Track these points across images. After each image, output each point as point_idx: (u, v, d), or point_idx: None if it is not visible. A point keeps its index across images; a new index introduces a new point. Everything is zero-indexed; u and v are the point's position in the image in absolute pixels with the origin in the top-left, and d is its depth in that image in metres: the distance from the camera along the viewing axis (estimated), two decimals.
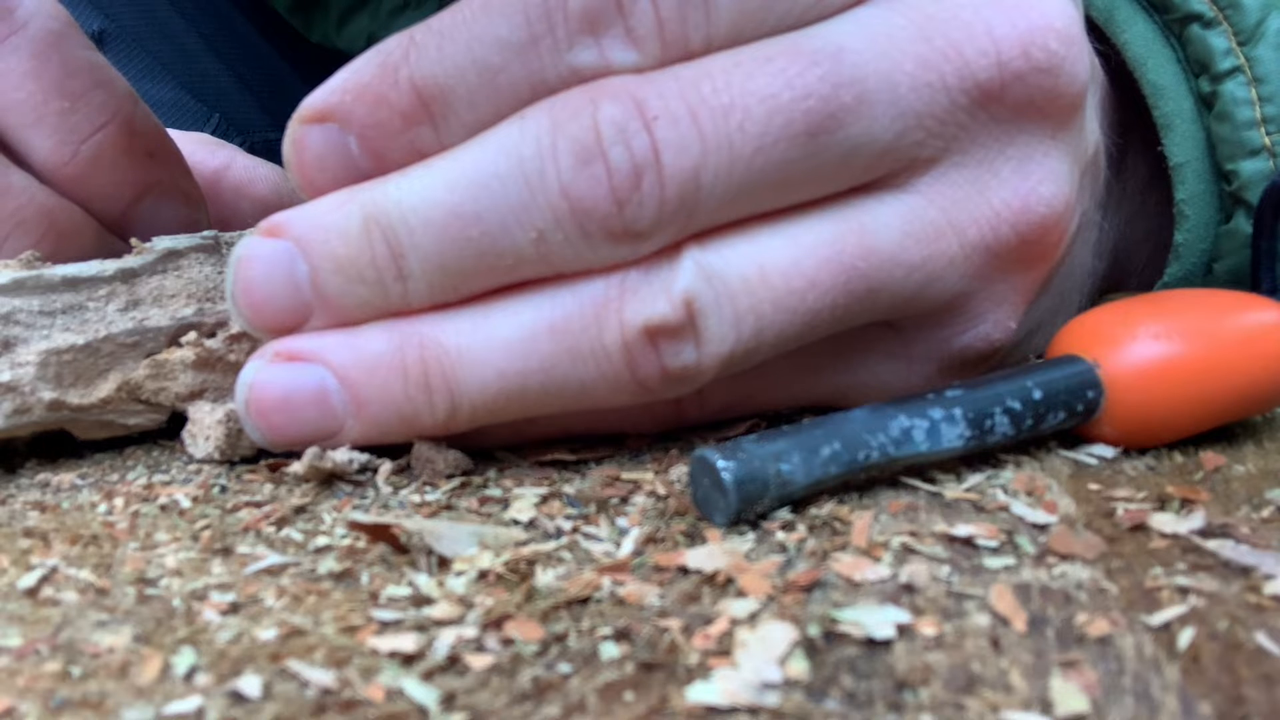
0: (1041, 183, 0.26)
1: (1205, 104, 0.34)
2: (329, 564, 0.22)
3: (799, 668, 0.18)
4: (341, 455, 0.25)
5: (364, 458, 0.26)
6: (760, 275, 0.24)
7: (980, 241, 0.26)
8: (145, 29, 0.60)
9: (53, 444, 0.29)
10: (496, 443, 0.28)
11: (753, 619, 0.19)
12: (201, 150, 0.41)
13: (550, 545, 0.23)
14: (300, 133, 0.25)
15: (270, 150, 0.27)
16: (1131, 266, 0.38)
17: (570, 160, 0.23)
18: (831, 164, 0.24)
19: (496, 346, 0.24)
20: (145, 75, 0.60)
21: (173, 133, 0.41)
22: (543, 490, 0.25)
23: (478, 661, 0.18)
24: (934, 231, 0.26)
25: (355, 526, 0.23)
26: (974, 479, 0.25)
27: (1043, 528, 0.23)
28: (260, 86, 0.63)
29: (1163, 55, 0.35)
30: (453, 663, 0.18)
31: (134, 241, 0.30)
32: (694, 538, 0.23)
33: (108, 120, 0.33)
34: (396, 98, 0.24)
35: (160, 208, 0.35)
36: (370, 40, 0.59)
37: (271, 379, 0.25)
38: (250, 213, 0.40)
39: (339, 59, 0.25)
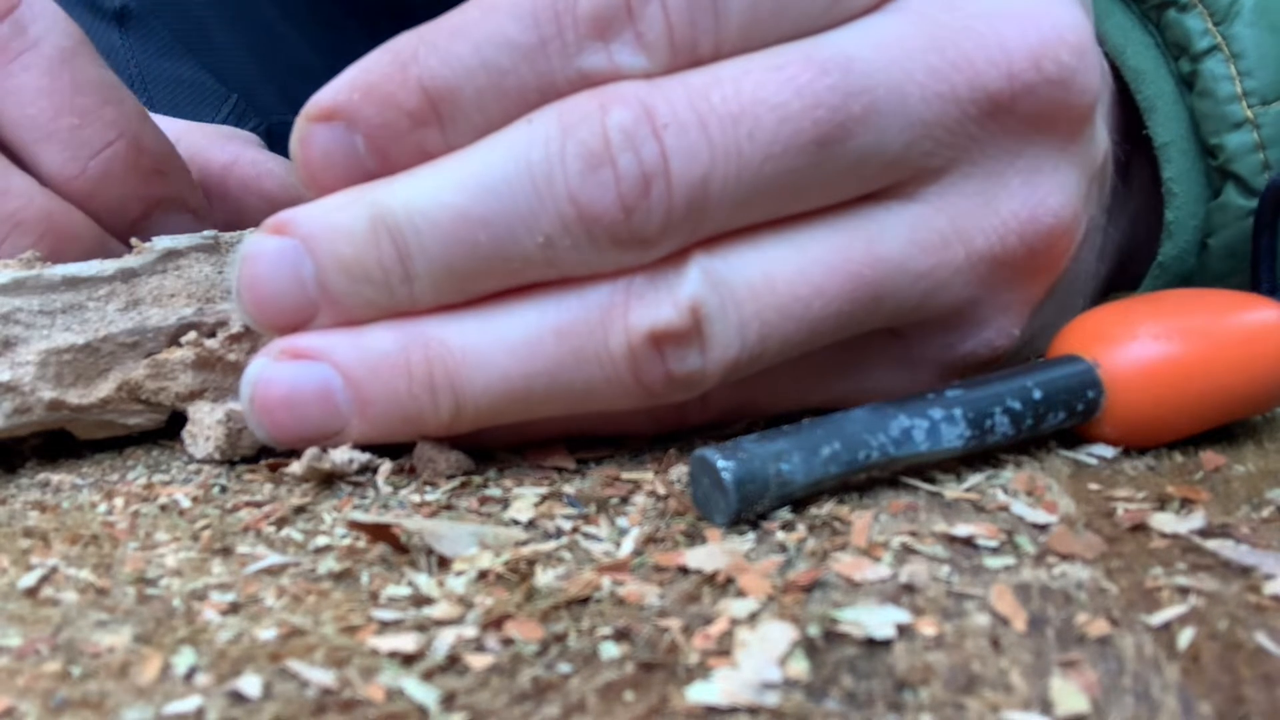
0: (1050, 194, 0.26)
1: (1186, 84, 0.35)
2: (329, 564, 0.22)
3: (799, 668, 0.18)
4: (341, 456, 0.25)
5: (364, 458, 0.26)
6: (766, 283, 0.24)
7: (987, 251, 0.26)
8: (167, 7, 0.60)
9: (53, 444, 0.29)
10: (497, 443, 0.28)
11: (753, 619, 0.19)
12: (211, 145, 0.41)
13: (550, 545, 0.23)
14: (307, 130, 0.25)
15: (287, 134, 0.27)
16: (1137, 265, 0.39)
17: (579, 166, 0.23)
18: (840, 173, 0.24)
19: (502, 348, 0.24)
20: (165, 54, 0.59)
21: (184, 123, 0.42)
22: (543, 490, 0.25)
23: (478, 661, 0.18)
24: (941, 241, 0.26)
25: (355, 526, 0.23)
26: (974, 479, 0.25)
27: (1043, 528, 0.23)
28: (280, 70, 0.63)
29: (1141, 41, 0.35)
30: (453, 663, 0.18)
31: (134, 241, 0.30)
32: (694, 538, 0.23)
33: (116, 137, 0.33)
34: (405, 98, 0.24)
35: (167, 223, 0.35)
36: None
37: (276, 376, 0.25)
38: (257, 208, 0.40)
39: (360, 43, 0.25)
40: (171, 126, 0.42)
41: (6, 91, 0.32)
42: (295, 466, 0.26)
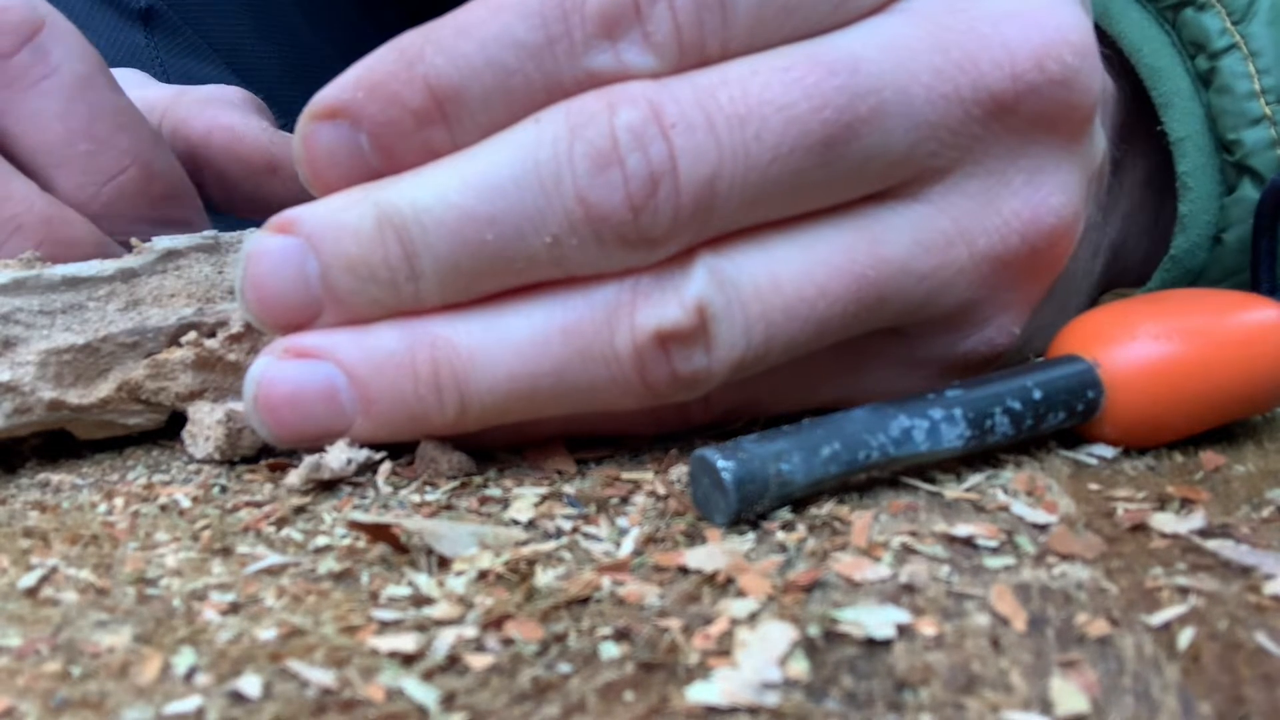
0: (1052, 194, 0.26)
1: (1203, 82, 0.35)
2: (329, 564, 0.22)
3: (799, 668, 0.18)
4: (337, 461, 0.25)
5: (361, 456, 0.26)
6: (772, 283, 0.24)
7: (990, 251, 0.26)
8: (193, 7, 0.60)
9: (53, 444, 0.29)
10: (497, 443, 0.28)
11: (753, 619, 0.19)
12: (191, 114, 0.41)
13: (550, 545, 0.23)
14: (310, 129, 0.25)
15: None
16: (1132, 260, 0.39)
17: (587, 166, 0.23)
18: (846, 174, 0.24)
19: (508, 348, 0.24)
20: (190, 53, 0.60)
21: (173, 90, 0.42)
22: (543, 490, 0.25)
23: (478, 661, 0.18)
24: (945, 241, 0.26)
25: (355, 526, 0.23)
26: (974, 479, 0.25)
27: (1043, 528, 0.23)
28: (305, 71, 0.63)
29: (1158, 40, 0.36)
30: (453, 663, 0.18)
31: (134, 241, 0.30)
32: (694, 538, 0.23)
33: (129, 164, 0.35)
34: (410, 96, 0.24)
35: None
36: None
37: (281, 375, 0.25)
38: (239, 174, 0.40)
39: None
40: (160, 94, 0.42)
41: (26, 115, 0.33)
42: (293, 477, 0.25)
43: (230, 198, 0.41)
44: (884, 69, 0.24)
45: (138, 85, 0.42)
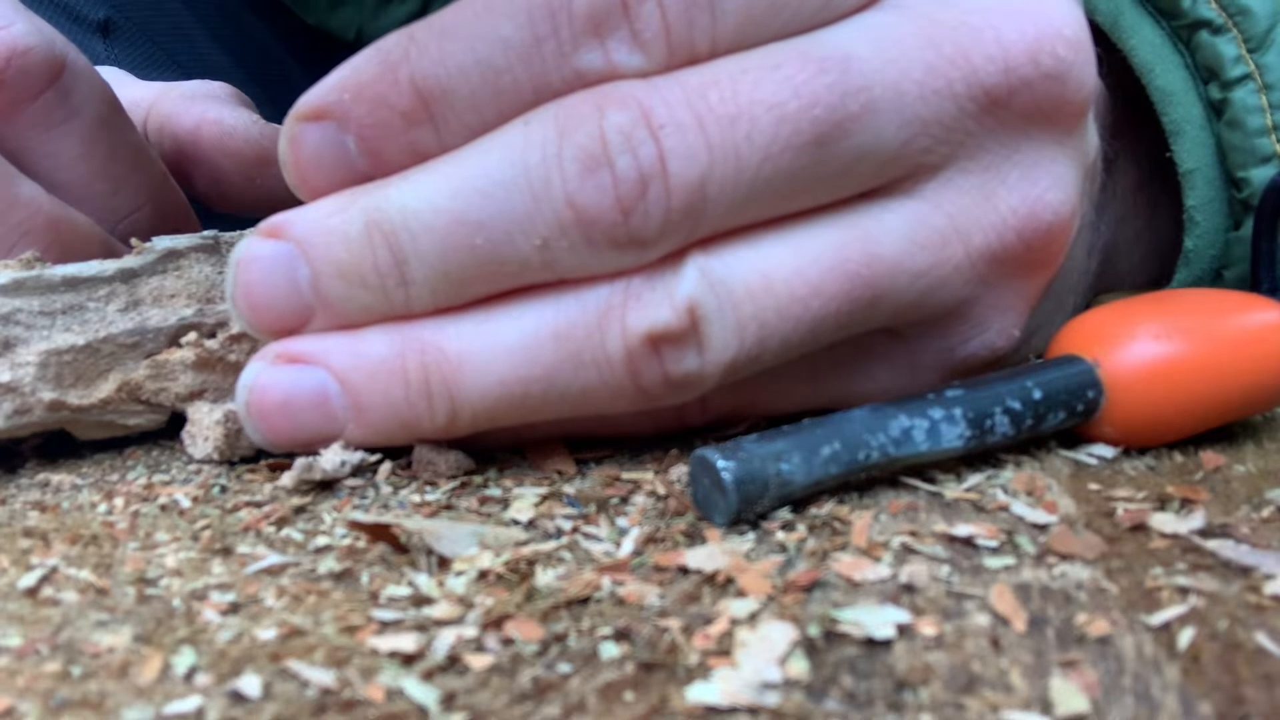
0: (1048, 189, 0.26)
1: (1215, 111, 0.34)
2: (329, 564, 0.22)
3: (799, 668, 0.18)
4: (331, 463, 0.25)
5: (355, 458, 0.26)
6: (764, 282, 0.24)
7: (986, 248, 0.26)
8: (152, 20, 0.60)
9: (53, 444, 0.29)
10: (493, 445, 0.28)
11: (753, 619, 0.19)
12: (178, 109, 0.41)
13: (550, 545, 0.23)
14: (297, 130, 0.25)
15: None
16: (1121, 268, 0.39)
17: (576, 169, 0.23)
18: (837, 171, 0.24)
19: (498, 352, 0.24)
20: (150, 65, 0.60)
21: (158, 86, 0.43)
22: (543, 490, 0.25)
23: (478, 661, 0.18)
24: (940, 238, 0.26)
25: (355, 526, 0.23)
26: (974, 479, 0.25)
27: (1043, 528, 0.23)
28: (269, 83, 0.63)
29: (1171, 61, 0.35)
30: (453, 663, 0.18)
31: (134, 241, 0.30)
32: (694, 538, 0.23)
33: (144, 203, 0.36)
34: (397, 97, 0.24)
35: None
36: (359, 32, 0.59)
37: (272, 381, 0.25)
38: (230, 168, 0.41)
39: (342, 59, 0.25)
40: (145, 91, 0.42)
41: (49, 154, 0.34)
42: (285, 479, 0.26)
43: (222, 192, 0.41)
44: (875, 65, 0.24)
45: (120, 84, 0.42)
